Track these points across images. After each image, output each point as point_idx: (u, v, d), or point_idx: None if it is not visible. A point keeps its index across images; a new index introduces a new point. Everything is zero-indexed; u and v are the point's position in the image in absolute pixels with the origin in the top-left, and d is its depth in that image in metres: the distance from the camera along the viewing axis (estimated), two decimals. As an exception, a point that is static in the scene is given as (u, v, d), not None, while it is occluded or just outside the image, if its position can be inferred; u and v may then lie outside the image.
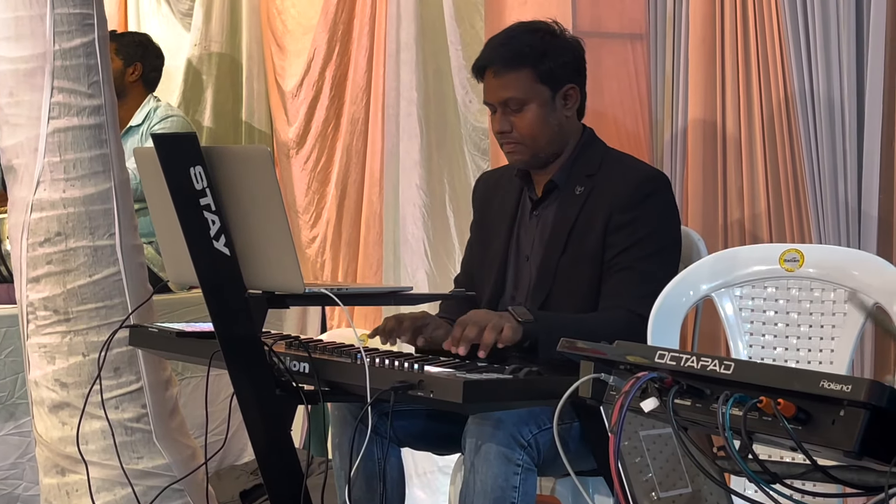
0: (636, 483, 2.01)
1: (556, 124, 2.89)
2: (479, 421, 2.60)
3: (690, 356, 1.62)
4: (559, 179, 2.92)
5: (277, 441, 2.59)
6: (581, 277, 2.83)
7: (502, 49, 2.89)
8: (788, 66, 3.14)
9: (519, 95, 2.86)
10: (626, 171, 2.89)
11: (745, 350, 2.78)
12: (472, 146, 4.02)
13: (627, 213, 2.81)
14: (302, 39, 4.77)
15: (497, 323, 2.63)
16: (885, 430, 1.45)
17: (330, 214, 4.69)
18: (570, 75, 2.90)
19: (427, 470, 4.04)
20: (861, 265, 2.71)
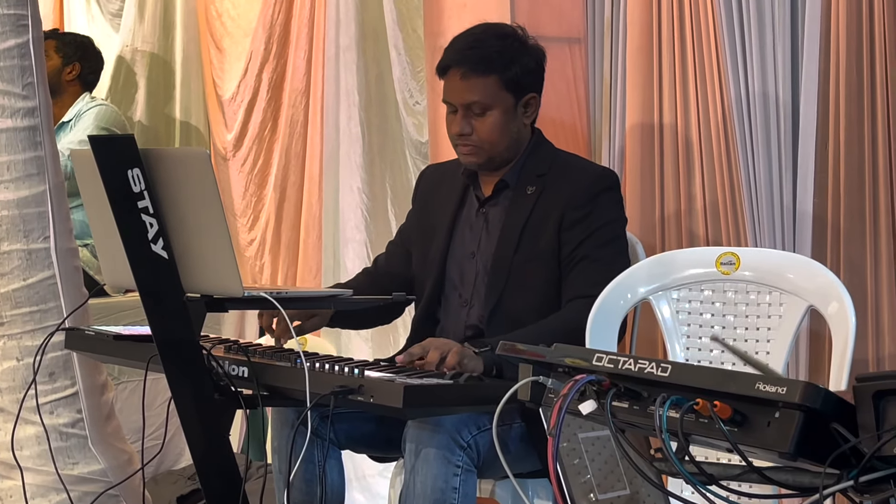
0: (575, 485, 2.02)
1: (515, 131, 2.91)
2: (419, 423, 2.60)
3: (628, 359, 1.63)
4: (510, 179, 2.93)
5: (215, 445, 2.57)
6: (535, 276, 2.85)
7: (471, 52, 2.89)
8: (724, 69, 3.17)
9: (484, 101, 2.87)
10: (578, 170, 2.92)
11: (682, 352, 2.81)
12: (414, 150, 4.02)
13: (581, 210, 2.83)
14: (242, 42, 4.75)
15: (445, 344, 2.64)
16: (819, 431, 1.47)
17: (268, 217, 4.66)
18: (533, 83, 2.92)
19: (367, 473, 4.04)
20: (796, 268, 2.74)
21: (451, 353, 2.61)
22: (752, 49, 3.14)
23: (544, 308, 2.83)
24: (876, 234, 2.96)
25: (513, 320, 2.81)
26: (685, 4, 3.25)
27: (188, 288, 2.50)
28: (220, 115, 4.86)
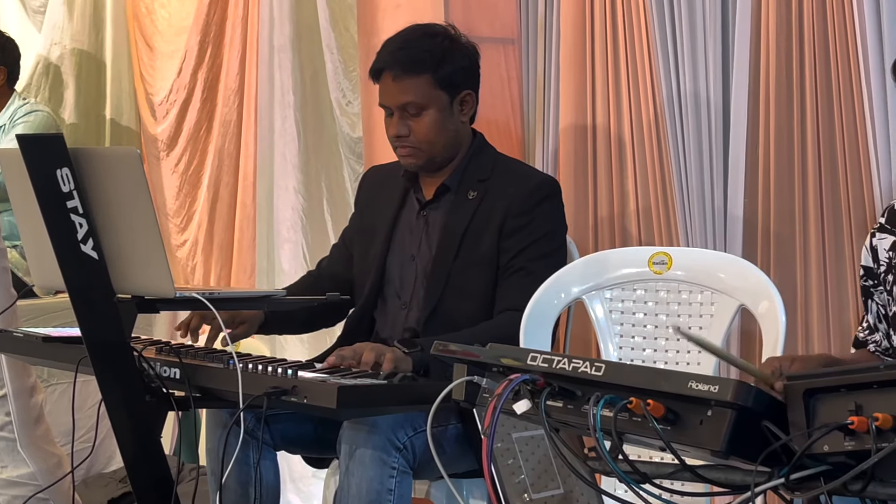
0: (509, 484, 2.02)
1: (452, 130, 2.90)
2: (355, 424, 2.59)
3: (562, 358, 1.63)
4: (451, 183, 2.93)
5: (147, 448, 2.55)
6: (474, 281, 2.84)
7: (401, 53, 2.88)
8: (657, 70, 3.19)
9: (418, 101, 2.86)
10: (519, 176, 2.91)
11: (616, 352, 2.82)
12: (348, 150, 4.01)
13: (521, 218, 2.83)
14: (174, 41, 4.71)
15: (379, 349, 2.63)
16: (751, 429, 1.48)
17: (202, 217, 4.63)
18: (467, 81, 2.91)
19: (303, 475, 4.02)
20: (727, 267, 2.77)
21: (386, 360, 2.60)
22: (683, 49, 3.16)
23: (482, 313, 2.83)
24: (805, 234, 3.00)
25: (450, 324, 2.80)
26: (617, 5, 3.27)
27: (119, 289, 2.48)
28: (151, 113, 4.82)
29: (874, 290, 2.26)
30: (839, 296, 2.95)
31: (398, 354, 2.64)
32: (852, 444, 1.44)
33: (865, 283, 2.28)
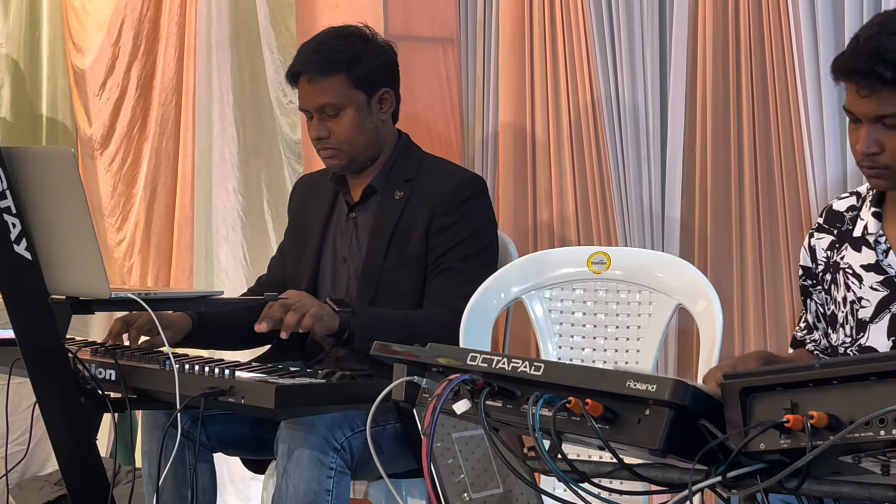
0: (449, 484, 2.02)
1: (372, 128, 2.90)
2: (292, 425, 2.58)
3: (501, 358, 1.63)
4: (378, 184, 2.93)
5: (82, 450, 2.52)
6: (405, 281, 2.85)
7: (315, 55, 2.89)
8: (595, 72, 3.21)
9: (335, 101, 2.86)
10: (445, 175, 2.92)
11: (555, 351, 2.83)
12: (288, 149, 3.99)
13: (448, 216, 2.84)
14: (95, 36, 4.65)
15: (303, 305, 2.63)
16: (688, 428, 1.49)
17: (138, 217, 4.58)
18: (384, 79, 2.91)
19: (243, 476, 3.99)
20: (664, 267, 2.79)
21: (307, 315, 2.61)
22: (621, 51, 3.18)
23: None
24: (742, 234, 3.02)
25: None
26: (556, 6, 3.28)
27: (53, 289, 2.45)
28: (84, 111, 4.77)
29: (813, 289, 2.28)
30: (775, 295, 2.97)
31: (326, 311, 2.64)
32: (788, 442, 1.45)
33: (804, 283, 2.30)
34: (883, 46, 1.99)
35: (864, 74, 2.01)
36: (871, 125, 2.04)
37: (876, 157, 2.05)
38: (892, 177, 2.08)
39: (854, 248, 2.19)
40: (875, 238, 2.16)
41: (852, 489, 1.51)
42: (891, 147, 2.04)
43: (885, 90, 2.00)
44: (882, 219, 2.17)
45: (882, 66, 1.99)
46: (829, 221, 2.27)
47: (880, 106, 2.02)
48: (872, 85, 2.01)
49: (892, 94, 2.00)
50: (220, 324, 2.99)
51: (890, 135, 2.04)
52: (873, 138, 2.04)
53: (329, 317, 2.65)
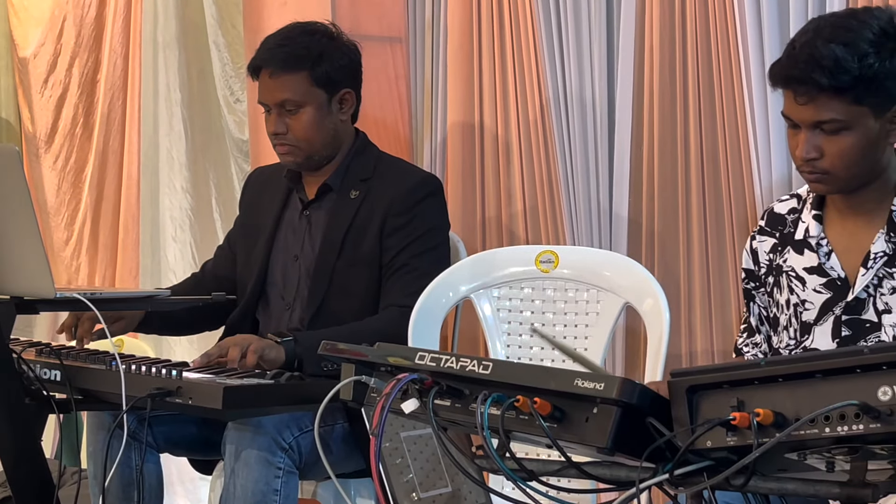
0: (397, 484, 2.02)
1: (331, 128, 2.89)
2: (239, 425, 2.57)
3: (450, 357, 1.63)
4: (333, 182, 2.92)
5: (27, 451, 2.50)
6: (357, 280, 2.84)
7: (279, 50, 2.87)
8: (543, 71, 3.21)
9: (295, 98, 2.85)
10: (400, 175, 2.92)
11: (504, 350, 2.84)
12: (236, 148, 3.97)
13: (403, 216, 2.83)
14: (37, 32, 4.60)
15: (244, 340, 2.63)
16: (636, 426, 1.50)
17: (85, 216, 4.54)
18: (346, 79, 2.90)
19: (191, 476, 3.97)
20: (612, 265, 2.80)
21: (249, 352, 2.60)
22: (569, 50, 3.19)
23: (366, 313, 2.83)
24: (689, 232, 3.04)
25: (335, 324, 2.79)
26: (504, 5, 3.28)
27: (-3, 289, 2.42)
28: (28, 109, 4.72)
29: (756, 292, 2.30)
30: (721, 293, 3.00)
31: (269, 343, 2.63)
32: (734, 440, 1.46)
33: (747, 286, 2.31)
34: (819, 53, 2.00)
35: (800, 81, 2.02)
36: (809, 131, 2.05)
37: (815, 163, 2.07)
38: (832, 181, 2.09)
39: (796, 251, 2.21)
40: (817, 241, 2.18)
41: (798, 486, 1.53)
42: (830, 152, 2.05)
43: (823, 96, 2.01)
44: (823, 221, 2.19)
45: (819, 72, 1.99)
46: (770, 224, 2.28)
47: (818, 112, 2.03)
48: (810, 92, 2.01)
49: (830, 100, 2.01)
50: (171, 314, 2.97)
51: (829, 140, 2.05)
52: (812, 144, 2.05)
53: (272, 349, 2.64)
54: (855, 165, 2.06)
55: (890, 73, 2.01)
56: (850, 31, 2.01)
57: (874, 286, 2.11)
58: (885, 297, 2.11)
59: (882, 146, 2.08)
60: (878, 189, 2.12)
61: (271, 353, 2.63)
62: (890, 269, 2.11)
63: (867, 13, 2.08)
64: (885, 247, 2.11)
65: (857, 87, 2.00)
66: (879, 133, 2.06)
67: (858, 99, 2.01)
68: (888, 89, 2.03)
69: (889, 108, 2.04)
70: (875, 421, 1.37)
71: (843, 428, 1.39)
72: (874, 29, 2.02)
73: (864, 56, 1.99)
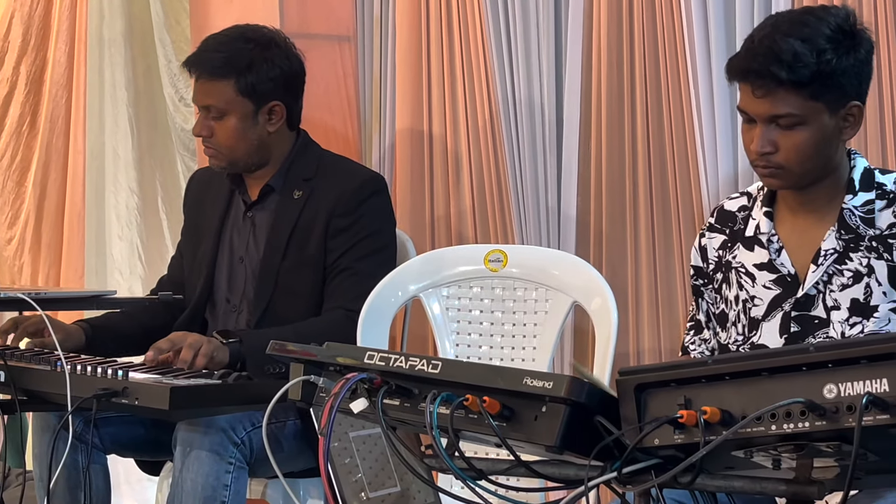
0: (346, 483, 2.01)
1: (255, 138, 2.85)
2: (191, 422, 2.56)
3: (399, 356, 1.63)
4: (275, 183, 2.90)
5: (-29, 454, 2.46)
6: (303, 281, 2.82)
7: (208, 55, 2.84)
8: (492, 71, 3.22)
9: (219, 105, 2.82)
10: (344, 174, 2.90)
11: (453, 349, 2.84)
12: (182, 147, 3.94)
13: (347, 217, 2.82)
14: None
15: (195, 341, 2.61)
16: (584, 424, 1.50)
17: (28, 215, 4.49)
18: (275, 91, 2.85)
19: (138, 478, 3.94)
20: (560, 265, 2.81)
21: (200, 355, 2.59)
22: (517, 51, 3.20)
23: (313, 314, 2.82)
24: (636, 232, 3.06)
25: (282, 325, 2.78)
26: (453, 4, 3.28)
27: (-62, 289, 2.39)
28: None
29: (704, 288, 2.31)
30: (668, 292, 3.02)
31: (215, 345, 2.62)
32: (682, 438, 1.47)
33: (696, 283, 2.33)
34: (778, 47, 2.02)
35: (759, 75, 2.04)
36: (765, 125, 2.07)
37: (770, 157, 2.09)
38: (785, 176, 2.11)
39: (746, 248, 2.23)
40: (768, 237, 2.20)
41: (744, 483, 1.54)
42: (785, 147, 2.08)
43: (781, 90, 2.04)
44: (774, 218, 2.21)
45: (777, 66, 2.02)
46: (720, 221, 2.30)
47: (775, 106, 2.05)
48: (768, 85, 2.04)
49: (787, 94, 2.04)
50: (115, 332, 2.94)
51: (784, 135, 2.07)
52: (767, 138, 2.08)
53: (219, 350, 2.63)
54: (809, 161, 2.09)
55: (845, 70, 2.04)
56: (808, 27, 2.04)
57: (824, 283, 2.14)
58: (835, 293, 2.13)
59: (835, 143, 2.11)
60: (829, 186, 2.15)
61: (219, 355, 2.62)
62: (840, 267, 2.13)
63: (824, 11, 2.12)
64: (836, 244, 2.13)
65: (815, 82, 2.02)
66: (833, 130, 2.08)
67: (815, 94, 2.04)
68: (843, 86, 2.05)
69: (843, 105, 2.07)
70: (820, 418, 1.38)
71: (788, 426, 1.40)
72: (831, 26, 2.05)
73: (821, 51, 2.02)
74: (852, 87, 2.07)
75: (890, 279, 2.10)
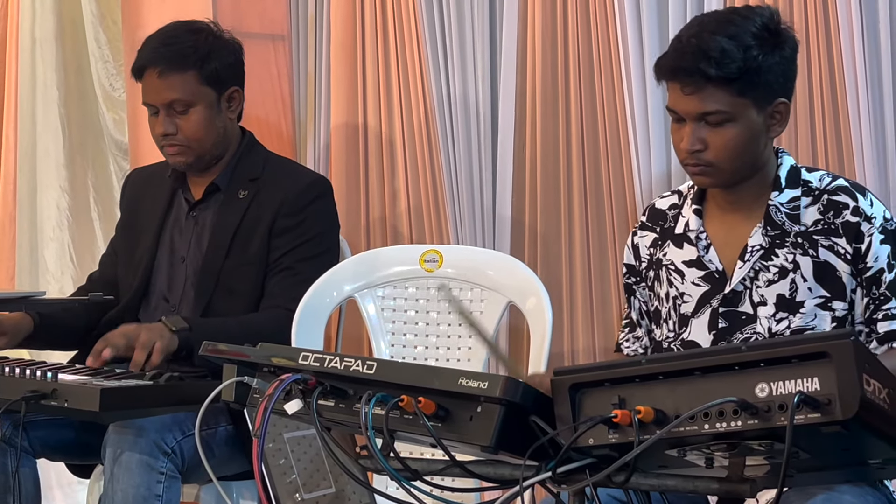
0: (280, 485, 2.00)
1: (221, 127, 2.85)
2: (120, 429, 2.53)
3: (334, 357, 1.62)
4: (221, 182, 2.88)
5: None
6: (244, 281, 2.81)
7: (165, 50, 2.81)
8: (426, 71, 3.22)
9: (184, 98, 2.80)
10: (291, 176, 2.89)
11: (388, 349, 2.83)
12: (115, 147, 3.91)
13: (293, 218, 2.81)
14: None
15: (147, 340, 2.58)
16: (519, 424, 1.50)
17: (-43, 216, 4.43)
18: (233, 77, 2.87)
19: (69, 481, 3.90)
20: (495, 265, 2.81)
21: (155, 352, 2.56)
22: (452, 50, 3.20)
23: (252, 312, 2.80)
24: (570, 232, 3.07)
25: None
26: (388, 4, 3.28)
27: None
28: None
29: (637, 286, 2.33)
30: (602, 292, 3.03)
31: (167, 338, 2.60)
32: (616, 437, 1.48)
33: (628, 281, 2.34)
34: (706, 45, 2.05)
35: (688, 73, 2.06)
36: (694, 123, 2.10)
37: (700, 155, 2.11)
38: (715, 174, 2.13)
39: (676, 245, 2.25)
40: (696, 234, 2.22)
41: (678, 482, 1.55)
42: (714, 144, 2.10)
43: (709, 88, 2.06)
44: (703, 216, 2.23)
45: (705, 63, 2.04)
46: (651, 219, 2.31)
47: (703, 104, 2.07)
48: (696, 83, 2.06)
49: (716, 91, 2.06)
50: (60, 325, 2.90)
51: (713, 132, 2.09)
52: (697, 136, 2.10)
53: (170, 340, 2.60)
54: (738, 158, 2.11)
55: (771, 67, 2.07)
56: (735, 25, 2.07)
57: (750, 279, 2.16)
58: (761, 289, 2.15)
59: (763, 140, 2.13)
60: (757, 184, 2.17)
61: (169, 346, 2.59)
62: (766, 263, 2.15)
63: (749, 10, 2.15)
64: (762, 240, 2.15)
65: (742, 78, 2.05)
66: (761, 127, 2.11)
67: (742, 91, 2.06)
68: (769, 83, 2.08)
69: (770, 102, 2.10)
70: (753, 417, 1.40)
71: (721, 424, 1.41)
72: (757, 24, 2.08)
73: (748, 48, 2.05)
74: (779, 84, 2.10)
75: (815, 275, 2.13)
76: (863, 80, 2.68)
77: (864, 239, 2.12)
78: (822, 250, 2.13)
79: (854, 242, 2.12)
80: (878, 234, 2.12)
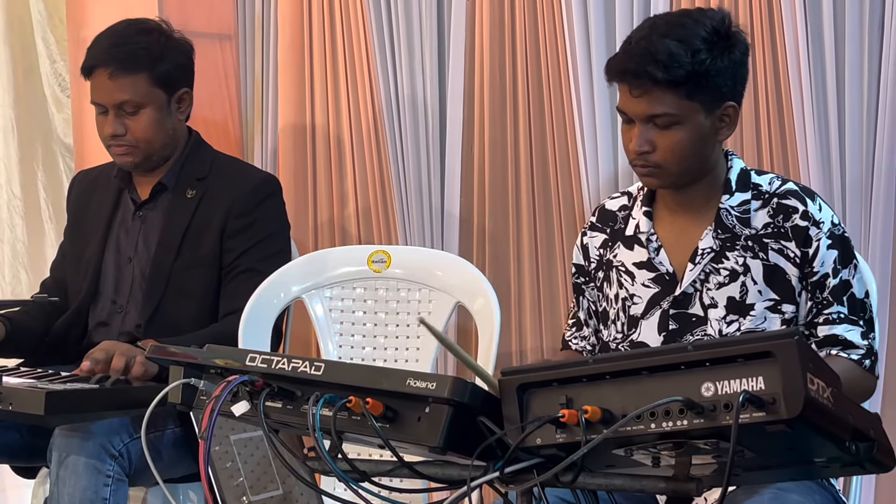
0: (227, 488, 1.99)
1: (170, 128, 2.84)
2: (68, 431, 2.50)
3: (281, 358, 1.62)
4: (168, 181, 2.86)
5: None
6: (196, 282, 2.79)
7: (116, 50, 2.79)
8: (375, 71, 3.21)
9: (135, 99, 2.78)
10: (240, 175, 2.88)
11: (336, 350, 2.83)
12: (63, 147, 3.87)
13: (244, 218, 2.80)
14: None
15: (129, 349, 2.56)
16: (467, 425, 1.51)
17: None
18: (183, 79, 2.86)
19: (15, 483, 3.86)
20: (443, 265, 2.82)
21: (137, 363, 2.54)
22: (400, 51, 3.20)
23: (205, 316, 2.79)
24: (519, 232, 3.08)
25: (172, 328, 2.74)
26: (336, 4, 3.27)
27: None
28: None
29: (585, 286, 2.34)
30: (551, 292, 3.04)
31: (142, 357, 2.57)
32: (563, 437, 1.48)
33: (577, 281, 2.35)
34: (654, 48, 2.06)
35: (636, 75, 2.07)
36: (643, 125, 2.11)
37: (648, 156, 2.12)
38: (663, 175, 2.14)
39: (626, 247, 2.26)
40: (647, 236, 2.23)
41: (625, 482, 1.55)
42: (662, 146, 2.11)
43: (657, 90, 2.07)
44: (653, 218, 2.24)
45: (654, 66, 2.05)
46: (601, 220, 2.32)
47: (651, 106, 2.08)
48: (644, 85, 2.07)
49: (664, 94, 2.07)
50: (25, 330, 2.86)
51: (661, 134, 2.11)
52: (645, 138, 2.11)
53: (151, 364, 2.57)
54: (686, 160, 2.12)
55: (720, 70, 2.08)
56: (685, 28, 2.08)
57: (701, 281, 2.17)
58: (712, 291, 2.17)
59: (711, 143, 2.14)
60: (706, 186, 2.19)
61: (149, 368, 2.56)
62: (716, 265, 2.17)
63: (701, 13, 2.16)
64: (713, 243, 2.17)
65: (690, 81, 2.06)
66: (709, 130, 2.12)
67: (690, 94, 2.07)
68: (718, 86, 2.09)
69: (719, 105, 2.11)
70: (699, 416, 1.40)
71: (667, 424, 1.42)
72: (707, 28, 2.09)
73: (696, 52, 2.06)
74: (727, 87, 2.11)
75: (765, 278, 2.15)
76: (807, 81, 2.71)
77: (811, 243, 2.14)
78: (772, 253, 2.15)
79: (802, 246, 2.14)
80: (825, 238, 2.14)
